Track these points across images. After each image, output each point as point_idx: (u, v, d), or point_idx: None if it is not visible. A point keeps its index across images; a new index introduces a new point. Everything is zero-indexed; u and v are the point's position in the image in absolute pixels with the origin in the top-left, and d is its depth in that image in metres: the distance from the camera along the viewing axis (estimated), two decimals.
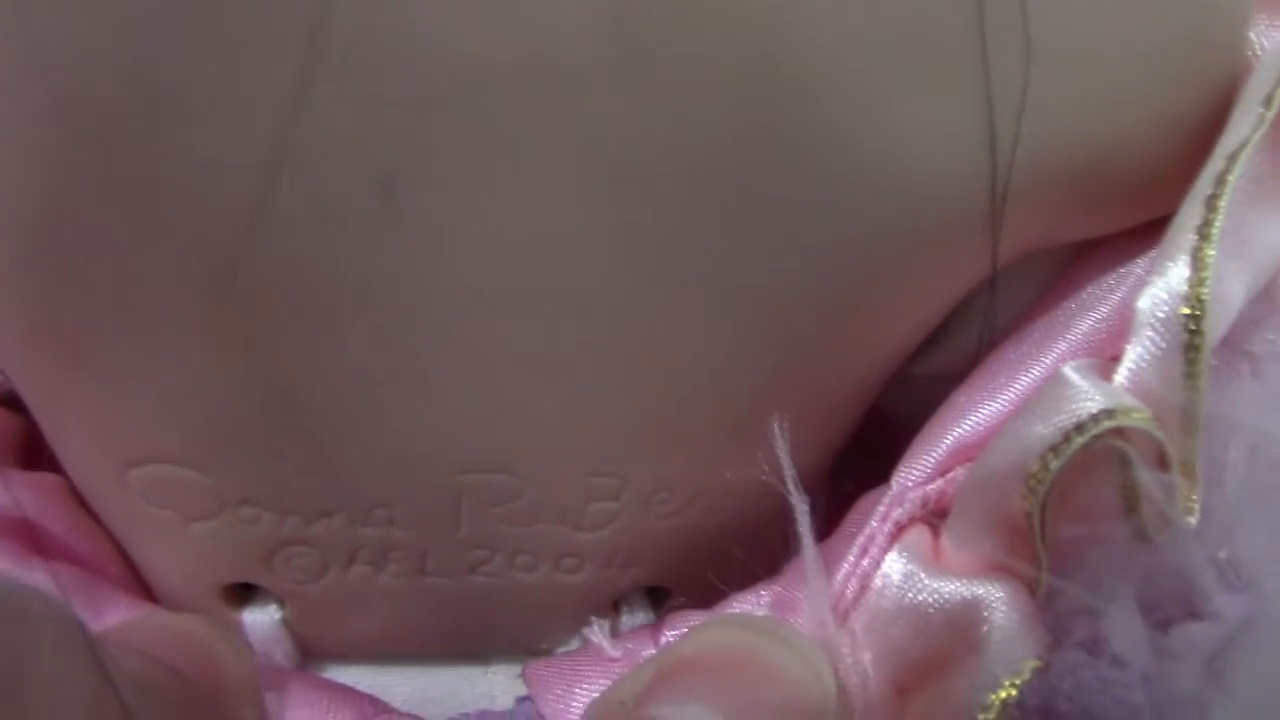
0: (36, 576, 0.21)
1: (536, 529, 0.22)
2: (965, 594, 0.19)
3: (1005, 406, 0.20)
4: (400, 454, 0.21)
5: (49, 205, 0.18)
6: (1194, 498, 0.18)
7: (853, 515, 0.21)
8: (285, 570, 0.23)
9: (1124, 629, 0.18)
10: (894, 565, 0.20)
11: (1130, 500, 0.18)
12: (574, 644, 0.24)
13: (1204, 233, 0.18)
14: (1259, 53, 0.21)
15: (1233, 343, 0.20)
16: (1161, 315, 0.18)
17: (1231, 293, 0.19)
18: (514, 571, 0.23)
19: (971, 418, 0.21)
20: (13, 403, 0.23)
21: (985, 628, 0.18)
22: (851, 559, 0.20)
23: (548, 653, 0.24)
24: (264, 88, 0.17)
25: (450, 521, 0.22)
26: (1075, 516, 0.18)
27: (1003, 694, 0.18)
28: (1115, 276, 0.21)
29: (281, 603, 0.24)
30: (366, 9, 0.17)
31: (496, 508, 0.22)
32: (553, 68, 0.17)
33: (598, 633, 0.21)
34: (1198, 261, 0.18)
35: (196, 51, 0.17)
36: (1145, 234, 0.21)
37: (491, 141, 0.18)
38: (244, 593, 0.24)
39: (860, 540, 0.20)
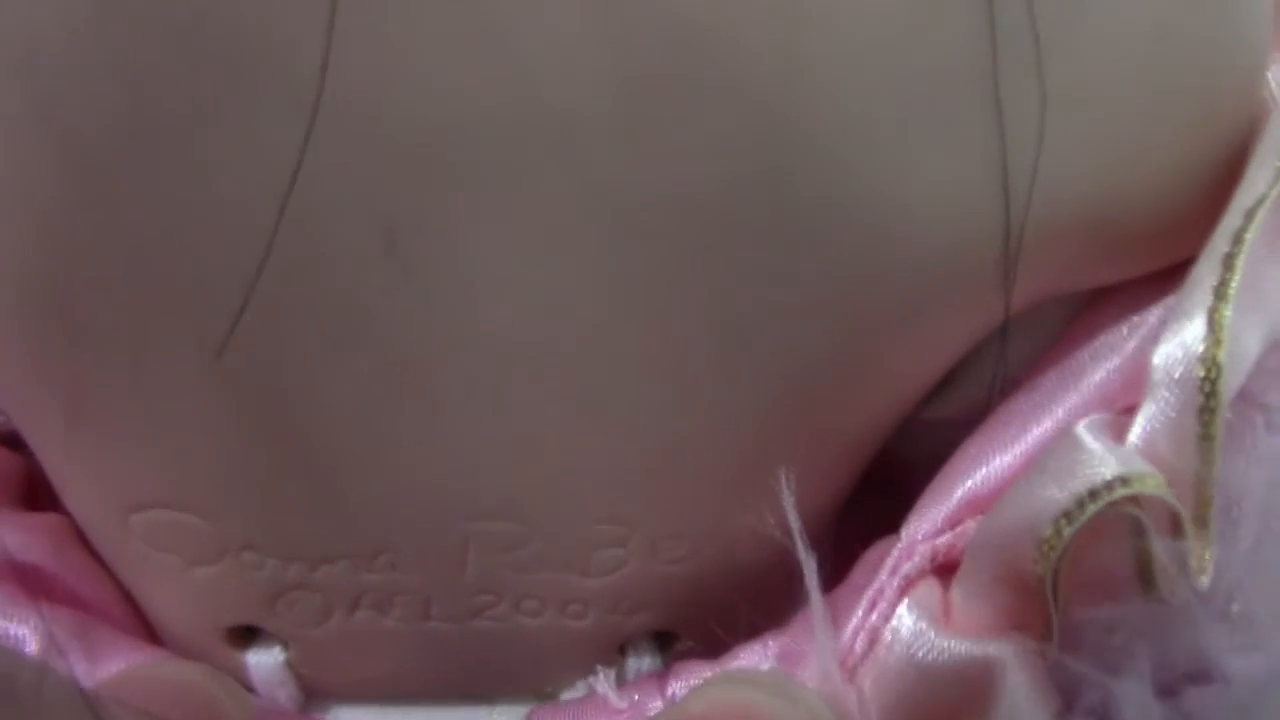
0: (34, 623, 0.21)
1: (542, 575, 0.22)
2: (975, 653, 0.19)
3: (1017, 459, 0.20)
4: (404, 501, 0.21)
5: (50, 252, 0.18)
6: (1207, 557, 0.18)
7: (861, 566, 0.21)
8: (289, 614, 0.23)
9: (1135, 698, 0.17)
10: (903, 621, 0.20)
11: (1143, 566, 0.18)
12: (579, 687, 0.24)
13: (1220, 293, 0.18)
14: (1275, 95, 0.21)
15: (1247, 395, 0.20)
16: (1177, 375, 0.18)
17: (1247, 347, 0.19)
18: (519, 616, 0.23)
19: (983, 470, 0.20)
20: (14, 442, 0.23)
21: (996, 688, 0.18)
22: (860, 613, 0.20)
23: (553, 696, 0.24)
24: (266, 139, 0.17)
25: (455, 568, 0.22)
26: (1087, 580, 0.18)
27: None
28: (1128, 326, 0.21)
29: (285, 645, 0.23)
30: (369, 61, 0.17)
31: (502, 555, 0.22)
32: (557, 125, 0.17)
33: (604, 682, 0.21)
34: (1214, 322, 0.18)
35: (198, 102, 0.17)
36: (1159, 281, 0.21)
37: (495, 195, 0.18)
38: (248, 634, 0.24)
39: (869, 594, 0.20)
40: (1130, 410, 0.19)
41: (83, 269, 0.18)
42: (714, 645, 0.22)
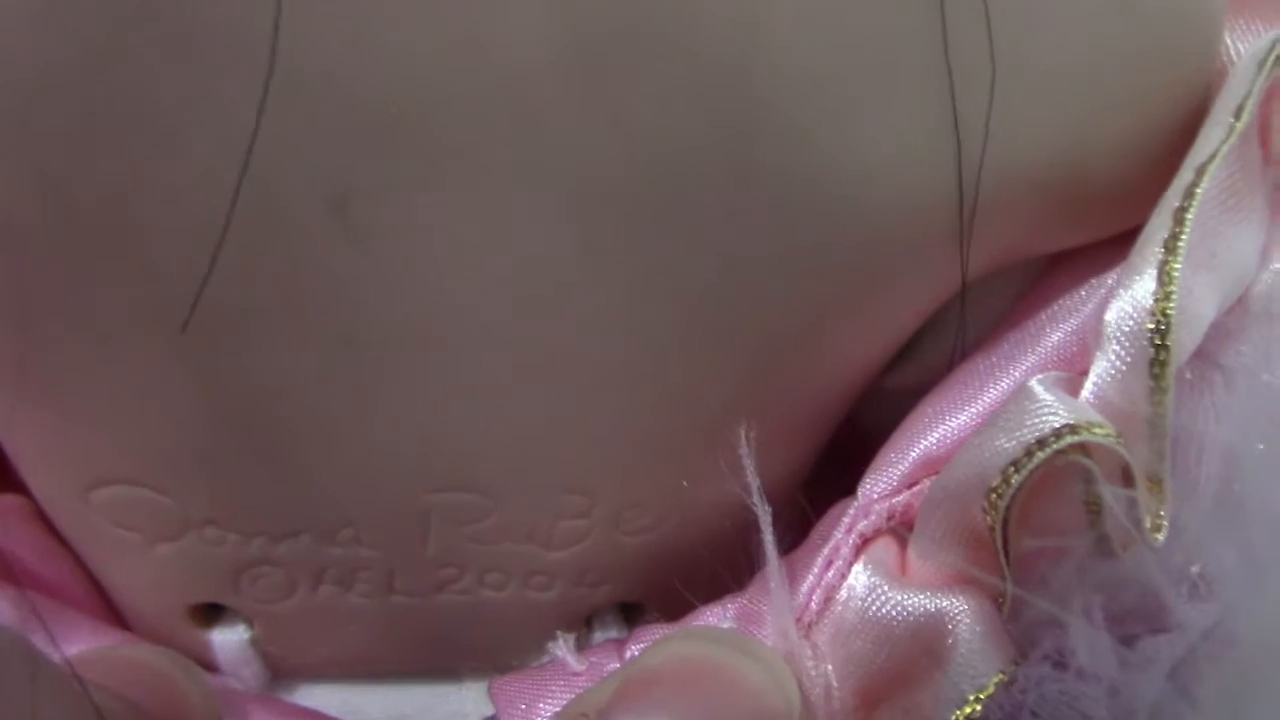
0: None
1: (505, 548, 0.22)
2: (929, 607, 0.19)
3: (973, 419, 0.20)
4: (366, 473, 0.21)
5: (10, 250, 0.18)
6: (1163, 513, 0.18)
7: (820, 527, 0.21)
8: (252, 590, 0.23)
9: (1089, 643, 0.18)
10: (859, 578, 0.20)
11: (1093, 515, 0.18)
12: (546, 660, 0.24)
13: (1170, 246, 0.18)
14: (1234, 58, 0.21)
15: (1206, 354, 0.20)
16: (1127, 329, 0.18)
17: (1202, 306, 0.19)
18: (484, 589, 0.23)
19: (938, 430, 0.21)
20: None
21: (950, 640, 0.18)
22: (816, 571, 0.20)
23: (520, 669, 0.24)
24: (216, 108, 0.17)
25: (418, 540, 0.22)
26: (1039, 530, 0.18)
27: (967, 709, 0.18)
28: (1087, 288, 0.21)
29: (250, 622, 0.24)
30: (319, 30, 0.17)
31: (464, 527, 0.22)
32: (512, 92, 0.17)
33: (563, 647, 0.21)
34: (1164, 276, 0.18)
35: (147, 72, 0.17)
36: (1119, 244, 0.21)
37: (450, 163, 0.18)
38: (212, 612, 0.24)
39: (825, 552, 0.20)
40: (1087, 372, 0.19)
41: (30, 243, 0.18)
42: (680, 615, 0.22)
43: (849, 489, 0.21)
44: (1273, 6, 0.22)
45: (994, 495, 0.18)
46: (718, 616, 0.21)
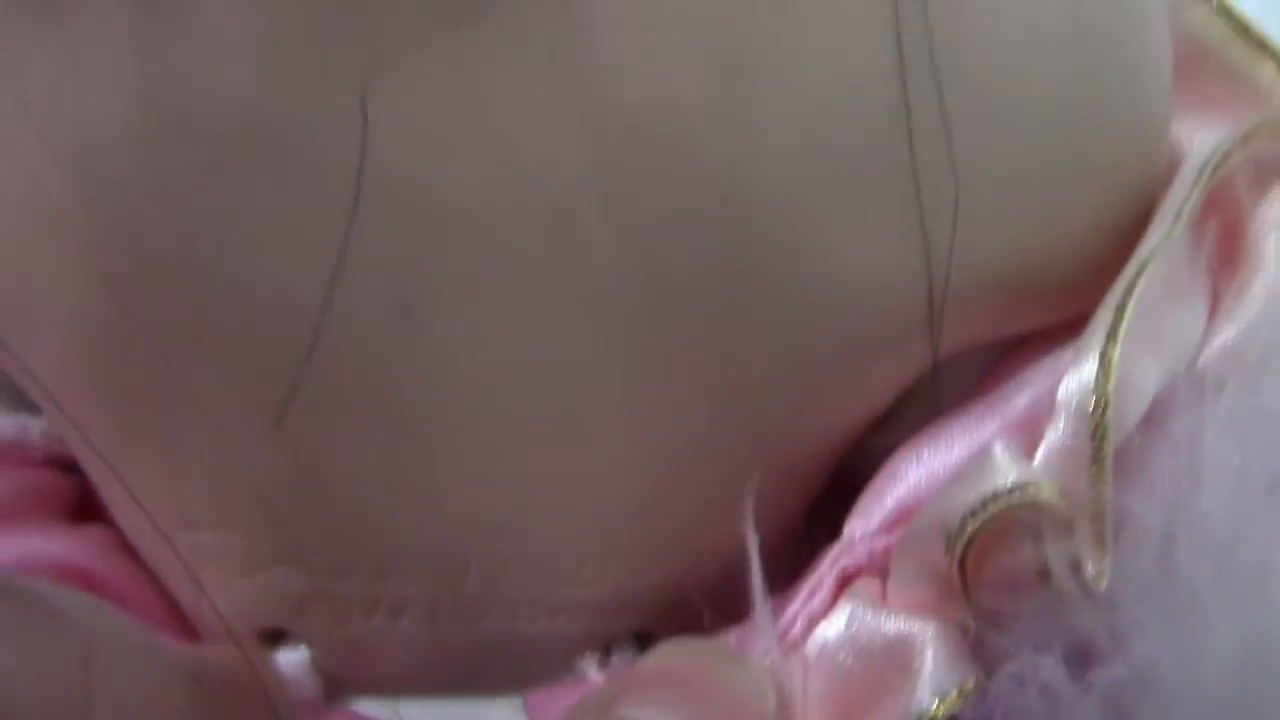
0: None
1: (536, 589, 0.24)
2: (903, 628, 0.20)
3: (944, 469, 0.22)
4: (417, 526, 0.23)
5: (117, 320, 0.21)
6: (1103, 565, 0.20)
7: (810, 568, 0.23)
8: (313, 619, 0.24)
9: (1047, 671, 0.20)
10: (841, 605, 0.22)
11: (1042, 565, 0.20)
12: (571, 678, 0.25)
13: (1112, 335, 0.20)
14: (1189, 148, 0.23)
15: (1154, 420, 0.21)
16: (1074, 406, 0.20)
17: (1146, 382, 0.21)
18: (517, 623, 0.25)
19: (911, 480, 0.23)
20: (59, 462, 0.25)
21: (919, 657, 0.20)
22: (800, 600, 0.22)
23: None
24: (302, 231, 0.20)
25: (459, 582, 0.24)
26: (996, 573, 0.20)
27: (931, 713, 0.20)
28: (1048, 360, 0.23)
29: (310, 644, 0.25)
30: (390, 162, 0.19)
31: (501, 570, 0.24)
32: (547, 211, 0.20)
33: (588, 665, 0.24)
34: (1104, 361, 0.20)
35: (240, 194, 0.19)
36: (1076, 323, 0.22)
37: (496, 272, 0.20)
38: (277, 634, 0.25)
39: (810, 583, 0.22)
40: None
41: (125, 345, 0.21)
42: None
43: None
44: (1225, 102, 0.24)
45: (952, 540, 0.20)
46: None
